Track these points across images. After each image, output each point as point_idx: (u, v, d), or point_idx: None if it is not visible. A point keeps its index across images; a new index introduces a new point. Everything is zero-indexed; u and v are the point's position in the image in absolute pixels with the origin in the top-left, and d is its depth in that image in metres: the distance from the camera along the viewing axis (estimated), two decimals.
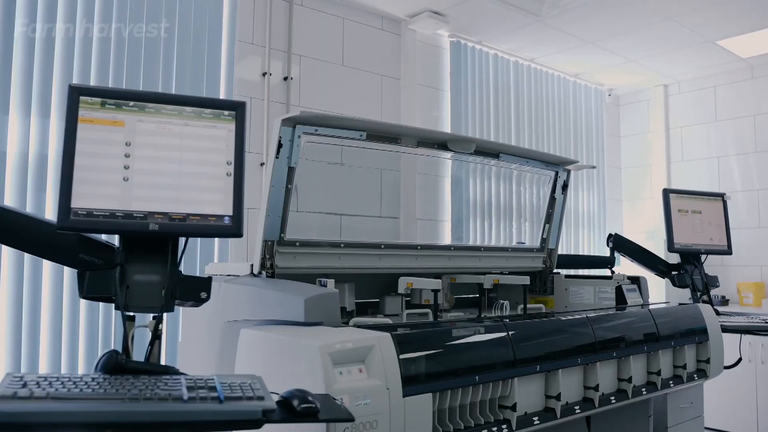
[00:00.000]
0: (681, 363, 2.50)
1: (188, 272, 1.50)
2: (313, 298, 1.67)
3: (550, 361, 1.91)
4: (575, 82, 5.55)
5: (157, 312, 1.39)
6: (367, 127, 2.26)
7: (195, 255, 3.22)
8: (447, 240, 4.44)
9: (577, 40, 4.69)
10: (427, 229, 4.38)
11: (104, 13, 3.00)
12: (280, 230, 2.12)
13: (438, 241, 4.35)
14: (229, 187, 1.47)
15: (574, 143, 5.52)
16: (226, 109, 1.51)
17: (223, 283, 2.06)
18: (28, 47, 2.81)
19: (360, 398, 1.39)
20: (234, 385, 1.18)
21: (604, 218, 5.73)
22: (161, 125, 1.45)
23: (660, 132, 5.71)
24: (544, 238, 3.11)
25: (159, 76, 3.14)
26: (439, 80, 4.54)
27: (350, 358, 1.43)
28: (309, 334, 1.51)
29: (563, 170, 3.05)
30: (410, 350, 1.54)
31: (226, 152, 1.49)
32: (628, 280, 2.86)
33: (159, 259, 1.43)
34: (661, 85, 5.68)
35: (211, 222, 1.45)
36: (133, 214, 1.39)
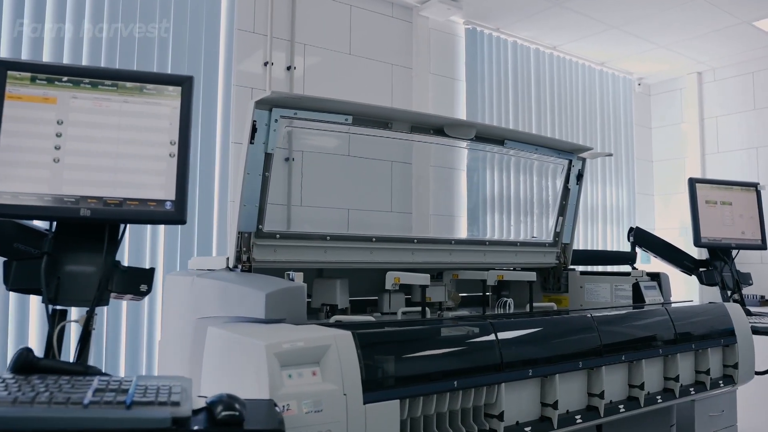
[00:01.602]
0: (704, 368, 2.27)
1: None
2: (274, 293, 1.52)
3: (546, 365, 1.71)
4: (601, 71, 5.28)
5: (89, 306, 1.26)
6: (353, 110, 2.10)
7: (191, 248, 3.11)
8: (463, 237, 4.25)
9: (602, 25, 4.43)
10: (442, 224, 4.20)
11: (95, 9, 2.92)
12: (257, 221, 1.98)
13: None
14: (171, 170, 1.34)
15: (601, 136, 5.25)
16: (171, 84, 1.37)
17: (195, 278, 1.94)
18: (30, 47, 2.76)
19: (310, 405, 1.23)
20: (151, 389, 1.04)
21: (634, 213, 5.44)
22: (97, 102, 1.33)
23: (694, 122, 5.39)
24: (558, 232, 2.90)
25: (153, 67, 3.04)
26: (453, 69, 4.35)
27: (302, 359, 1.28)
28: (260, 332, 1.36)
29: (577, 159, 2.84)
30: (375, 351, 1.38)
31: (169, 131, 1.36)
32: (647, 277, 2.63)
33: (95, 248, 1.30)
34: (694, 72, 5.36)
35: (151, 207, 1.31)
36: (63, 198, 1.26)
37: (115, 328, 2.86)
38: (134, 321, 2.90)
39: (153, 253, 2.99)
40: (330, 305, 2.28)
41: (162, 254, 3.02)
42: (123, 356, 2.87)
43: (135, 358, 2.89)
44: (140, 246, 2.95)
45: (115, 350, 2.84)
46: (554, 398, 1.71)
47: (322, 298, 2.30)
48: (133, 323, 2.90)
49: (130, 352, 2.88)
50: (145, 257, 2.96)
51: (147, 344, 2.92)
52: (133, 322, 2.90)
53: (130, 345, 2.88)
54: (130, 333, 2.88)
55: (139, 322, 2.92)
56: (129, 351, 2.88)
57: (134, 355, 2.89)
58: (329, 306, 2.29)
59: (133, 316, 2.90)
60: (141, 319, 2.92)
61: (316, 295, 2.32)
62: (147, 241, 2.97)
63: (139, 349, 2.91)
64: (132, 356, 2.88)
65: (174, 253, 3.04)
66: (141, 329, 2.92)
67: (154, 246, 3.00)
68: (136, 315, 2.91)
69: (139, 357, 2.90)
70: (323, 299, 2.30)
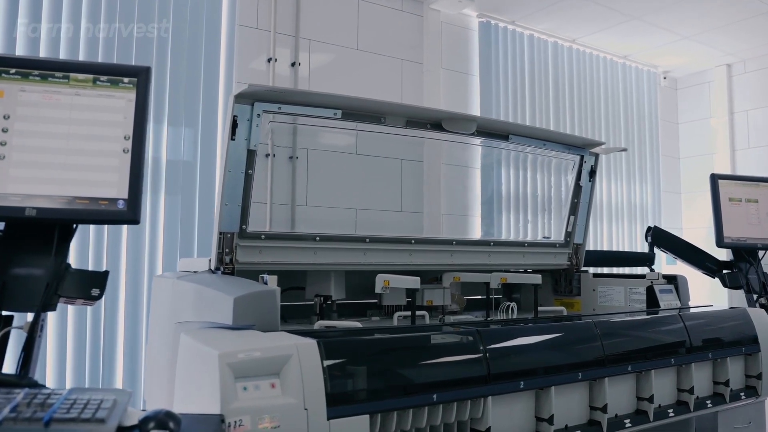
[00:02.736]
0: (722, 379, 2.10)
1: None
2: (243, 298, 1.42)
3: (541, 377, 1.58)
4: (624, 65, 5.07)
5: (34, 311, 1.19)
6: (342, 103, 1.99)
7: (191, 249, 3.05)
8: (465, 237, 4.11)
9: (623, 15, 4.24)
10: (454, 224, 4.07)
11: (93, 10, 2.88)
12: (240, 221, 1.89)
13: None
14: (125, 166, 1.25)
15: (624, 132, 5.05)
16: (126, 75, 1.29)
17: (175, 281, 1.86)
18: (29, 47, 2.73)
19: (266, 420, 1.13)
20: (78, 404, 0.95)
21: (659, 212, 5.22)
22: (47, 95, 1.25)
23: (723, 116, 5.14)
24: (569, 231, 2.75)
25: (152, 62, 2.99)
26: (466, 64, 4.21)
27: (260, 370, 1.18)
28: (219, 340, 1.27)
29: (589, 154, 2.69)
30: (342, 361, 1.27)
31: (124, 125, 1.27)
32: (663, 280, 2.46)
33: (45, 250, 1.23)
34: (723, 64, 5.11)
35: (102, 206, 1.23)
36: (8, 196, 1.19)
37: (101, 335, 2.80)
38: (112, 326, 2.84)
39: (152, 254, 2.94)
40: (324, 296, 2.18)
41: (161, 255, 2.96)
42: (119, 364, 2.82)
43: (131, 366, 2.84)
44: (139, 246, 2.90)
45: (95, 357, 2.78)
46: (550, 412, 1.58)
47: (315, 288, 2.20)
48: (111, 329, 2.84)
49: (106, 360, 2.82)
50: (143, 258, 2.91)
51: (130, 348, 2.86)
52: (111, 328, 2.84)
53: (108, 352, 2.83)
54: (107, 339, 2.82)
55: (115, 327, 2.86)
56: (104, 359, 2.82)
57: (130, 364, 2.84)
58: (323, 297, 2.18)
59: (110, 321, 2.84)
60: (117, 323, 2.86)
61: (310, 286, 2.22)
62: (146, 241, 2.92)
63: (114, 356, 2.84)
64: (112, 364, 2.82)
65: (174, 254, 2.98)
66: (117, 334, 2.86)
67: (153, 247, 2.94)
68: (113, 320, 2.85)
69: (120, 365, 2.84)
70: (317, 290, 2.19)
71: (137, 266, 2.88)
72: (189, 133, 3.08)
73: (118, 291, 2.84)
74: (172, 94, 3.03)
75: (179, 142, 3.05)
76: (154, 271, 2.90)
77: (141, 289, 2.88)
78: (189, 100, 3.08)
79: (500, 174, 4.23)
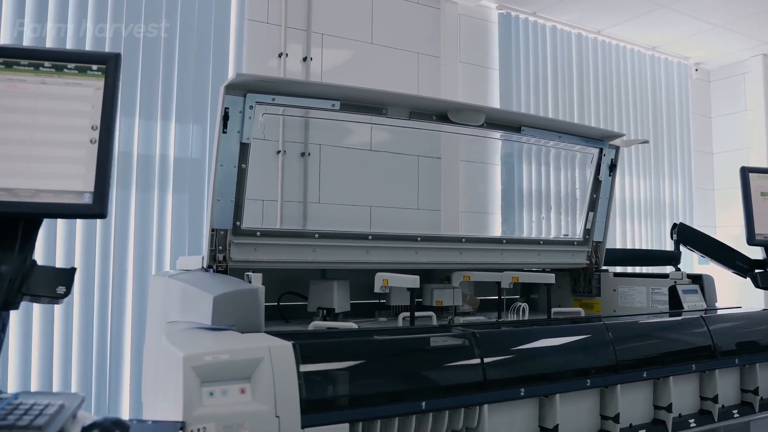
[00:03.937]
0: (751, 386, 1.94)
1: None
2: (222, 296, 1.35)
3: (544, 383, 1.47)
4: (653, 56, 4.87)
5: None
6: (340, 94, 1.91)
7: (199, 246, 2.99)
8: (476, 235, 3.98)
9: (650, 4, 4.06)
10: (473, 222, 3.95)
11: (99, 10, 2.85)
12: (234, 218, 1.82)
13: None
14: (92, 157, 1.18)
15: (653, 127, 4.85)
16: (94, 62, 1.22)
17: (167, 279, 1.79)
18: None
19: (233, 428, 1.05)
20: (21, 409, 0.88)
21: (691, 209, 5.01)
22: (12, 84, 1.19)
23: (760, 109, 4.90)
24: (588, 228, 2.62)
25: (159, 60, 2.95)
26: (485, 57, 4.08)
27: (229, 374, 1.10)
28: (188, 342, 1.20)
29: (609, 147, 2.55)
30: (319, 365, 1.18)
31: (91, 115, 1.20)
32: (687, 279, 2.31)
33: (7, 245, 1.17)
34: (759, 54, 4.87)
35: (67, 200, 1.16)
36: None
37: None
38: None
39: (160, 252, 2.90)
40: (327, 309, 2.11)
41: (169, 254, 2.92)
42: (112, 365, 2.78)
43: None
44: (146, 244, 2.86)
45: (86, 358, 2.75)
46: (555, 422, 1.47)
47: (319, 301, 2.13)
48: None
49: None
50: (150, 255, 2.87)
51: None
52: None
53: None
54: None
55: (122, 326, 2.82)
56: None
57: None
58: (326, 310, 2.12)
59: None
60: (124, 323, 2.82)
61: (312, 298, 2.15)
62: (153, 239, 2.88)
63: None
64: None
65: (182, 252, 2.94)
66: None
67: (161, 245, 2.91)
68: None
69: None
70: (320, 302, 2.13)
71: (144, 264, 2.85)
72: (197, 130, 3.04)
73: (125, 290, 2.81)
74: (180, 91, 2.99)
75: (187, 140, 3.01)
76: (162, 270, 2.87)
77: (148, 288, 2.84)
78: (197, 97, 3.04)
79: (521, 170, 4.09)
